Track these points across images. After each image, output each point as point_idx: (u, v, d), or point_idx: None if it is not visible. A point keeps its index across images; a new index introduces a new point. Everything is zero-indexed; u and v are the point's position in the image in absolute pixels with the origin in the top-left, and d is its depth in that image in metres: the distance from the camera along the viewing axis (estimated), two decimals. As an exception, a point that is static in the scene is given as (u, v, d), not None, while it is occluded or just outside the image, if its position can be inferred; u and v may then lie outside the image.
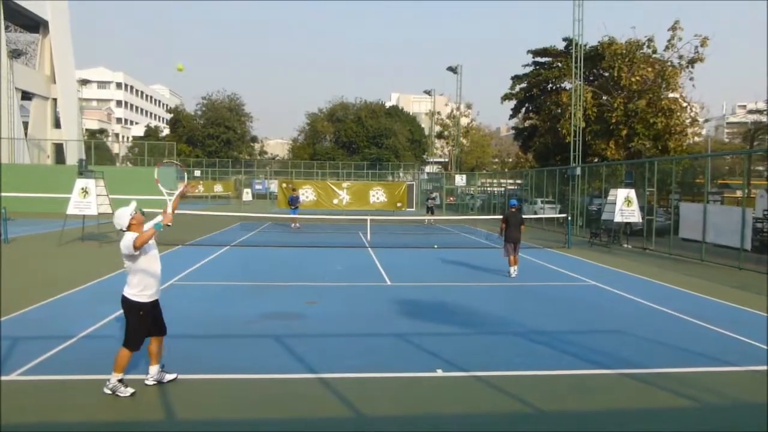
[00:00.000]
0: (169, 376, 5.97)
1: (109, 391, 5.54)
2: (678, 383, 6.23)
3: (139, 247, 5.48)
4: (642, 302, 10.73)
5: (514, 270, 13.39)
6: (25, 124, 51.59)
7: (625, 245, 20.94)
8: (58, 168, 41.58)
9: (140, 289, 5.66)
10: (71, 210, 18.19)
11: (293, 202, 26.77)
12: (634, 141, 32.27)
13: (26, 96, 51.88)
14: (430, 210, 31.93)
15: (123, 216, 5.72)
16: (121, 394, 5.52)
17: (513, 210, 13.91)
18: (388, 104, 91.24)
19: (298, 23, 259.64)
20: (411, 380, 6.25)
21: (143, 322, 5.71)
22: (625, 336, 8.25)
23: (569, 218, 21.33)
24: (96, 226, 19.45)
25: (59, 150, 53.81)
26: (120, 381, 5.59)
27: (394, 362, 6.86)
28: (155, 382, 5.84)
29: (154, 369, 5.88)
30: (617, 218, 19.80)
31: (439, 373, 6.45)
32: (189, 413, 5.28)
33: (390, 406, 5.54)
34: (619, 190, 20.02)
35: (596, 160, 33.47)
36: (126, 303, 5.69)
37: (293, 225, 26.55)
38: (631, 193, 19.80)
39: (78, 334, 7.66)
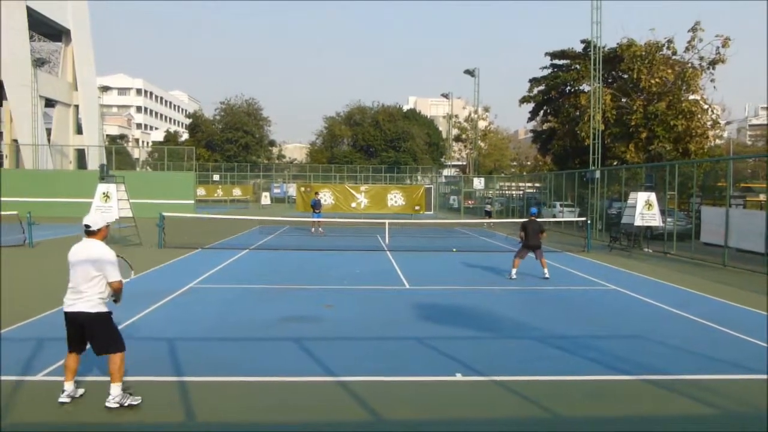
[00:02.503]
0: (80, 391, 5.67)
1: (117, 405, 5.32)
2: (700, 390, 6.15)
3: (116, 288, 5.46)
4: (663, 307, 10.61)
5: (516, 272, 13.49)
6: (48, 131, 52.47)
7: (646, 249, 20.71)
8: (81, 173, 42.22)
9: (104, 297, 5.46)
10: (93, 214, 18.44)
11: (316, 206, 26.74)
12: (654, 144, 31.90)
13: (49, 103, 52.78)
14: (488, 214, 32.29)
15: (100, 219, 5.70)
16: (134, 402, 5.39)
17: (532, 218, 13.98)
18: (405, 108, 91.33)
19: (316, 27, 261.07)
20: (430, 384, 6.25)
21: (114, 324, 5.60)
22: (645, 341, 8.17)
23: (588, 222, 21.15)
24: (117, 229, 19.71)
25: (81, 155, 54.65)
26: (124, 390, 5.45)
27: (413, 366, 6.86)
28: (70, 399, 5.49)
29: (115, 388, 5.43)
30: (637, 222, 19.58)
31: (459, 377, 6.44)
32: (208, 415, 5.33)
33: (409, 410, 5.54)
34: (639, 193, 19.81)
35: (615, 163, 33.15)
36: (105, 316, 5.45)
37: (313, 229, 26.56)
38: (652, 196, 19.58)
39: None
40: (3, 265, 14.73)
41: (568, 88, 40.36)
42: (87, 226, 5.56)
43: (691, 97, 32.90)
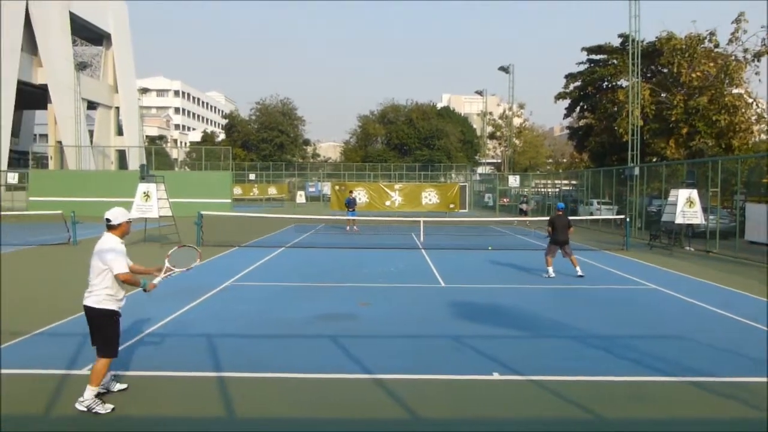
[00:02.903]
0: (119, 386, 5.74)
1: (84, 408, 5.15)
2: (744, 392, 5.97)
3: (122, 281, 5.37)
4: (705, 307, 10.33)
5: (552, 270, 13.31)
6: (91, 133, 54.02)
7: (687, 248, 20.19)
8: (122, 173, 43.31)
9: (112, 293, 5.41)
10: (134, 213, 18.90)
11: (350, 205, 26.87)
12: (695, 139, 31.07)
13: (91, 105, 54.32)
14: (524, 212, 32.08)
15: (121, 214, 5.60)
16: (102, 411, 5.17)
17: (560, 213, 13.85)
18: (439, 105, 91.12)
19: (349, 26, 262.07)
20: (467, 383, 6.22)
21: (118, 328, 5.52)
22: (687, 342, 7.97)
23: (627, 219, 20.73)
24: (157, 228, 20.15)
25: (122, 156, 56.08)
26: (97, 396, 5.31)
27: (449, 364, 6.84)
28: (105, 390, 5.61)
29: (87, 392, 5.36)
30: (678, 220, 19.10)
31: (496, 376, 6.39)
32: (247, 410, 5.41)
33: (446, 409, 5.52)
34: (680, 190, 19.31)
35: (655, 159, 32.41)
36: (106, 313, 5.38)
37: (348, 227, 26.70)
38: (693, 193, 19.06)
39: (142, 332, 7.98)
40: (49, 263, 15.22)
41: (606, 83, 39.63)
42: (108, 220, 5.51)
43: (735, 91, 31.89)
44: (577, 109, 43.62)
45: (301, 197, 55.48)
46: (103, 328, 5.37)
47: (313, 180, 71.13)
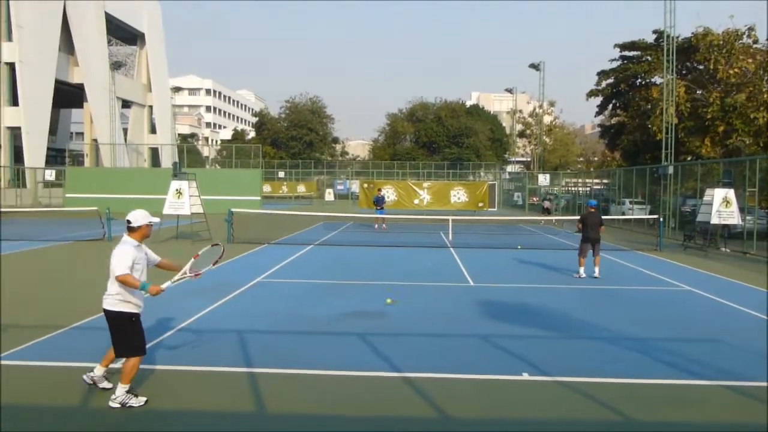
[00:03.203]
0: (108, 384, 5.67)
1: (118, 405, 5.25)
2: (786, 397, 5.81)
3: (120, 281, 5.24)
4: (742, 310, 10.07)
5: (584, 270, 13.03)
6: (125, 131, 55.11)
7: (723, 249, 19.71)
8: (154, 171, 44.13)
9: (124, 296, 5.35)
10: (167, 210, 19.24)
11: (379, 203, 26.85)
12: (732, 138, 30.28)
13: (126, 104, 55.43)
14: (547, 211, 31.88)
15: (142, 217, 5.52)
16: (135, 404, 5.29)
17: (591, 210, 13.52)
18: (468, 103, 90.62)
19: (377, 24, 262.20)
20: (496, 383, 6.18)
21: (139, 328, 5.47)
22: (723, 345, 7.78)
23: (661, 219, 20.33)
24: (189, 225, 20.47)
25: (155, 154, 57.13)
26: (128, 392, 5.35)
27: (478, 364, 6.80)
28: (92, 382, 5.64)
29: (101, 370, 5.64)
30: (714, 220, 18.66)
31: (525, 376, 6.33)
32: (277, 406, 5.46)
33: (475, 409, 5.49)
34: (716, 189, 18.86)
35: (690, 158, 31.71)
36: (123, 315, 5.34)
37: (376, 225, 26.74)
38: (730, 193, 18.60)
39: (174, 327, 8.11)
40: (85, 258, 15.58)
41: (639, 80, 38.91)
42: (128, 221, 5.47)
43: (774, 87, 31.00)
44: (610, 106, 42.94)
45: (329, 195, 55.81)
46: (121, 330, 5.35)
47: (341, 178, 71.45)
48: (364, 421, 5.22)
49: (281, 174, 69.84)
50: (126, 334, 5.34)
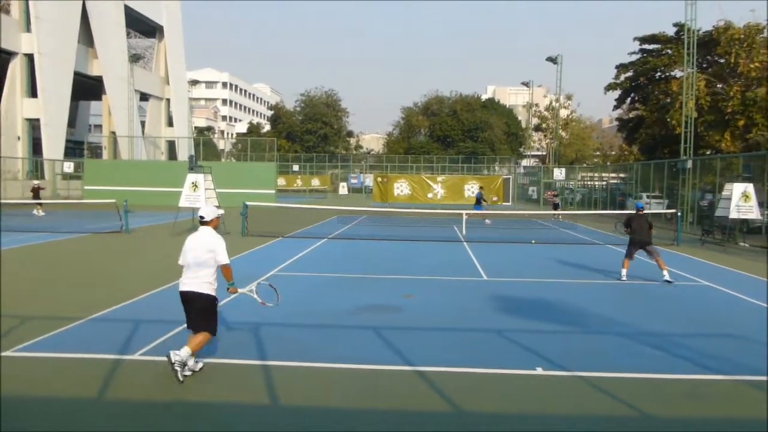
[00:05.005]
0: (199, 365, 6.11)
1: (179, 359, 5.63)
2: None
3: (225, 269, 6.09)
4: (762, 305, 9.92)
5: (626, 273, 12.43)
6: (143, 123, 55.50)
7: (742, 243, 19.44)
8: (171, 164, 44.38)
9: (213, 281, 6.07)
10: (183, 203, 19.36)
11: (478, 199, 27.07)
12: (752, 132, 29.85)
13: (144, 97, 55.76)
14: (556, 206, 31.69)
15: (212, 212, 6.32)
16: (193, 365, 5.89)
17: (639, 213, 12.76)
18: (484, 97, 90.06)
19: (393, 17, 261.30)
20: (510, 377, 6.15)
21: (216, 310, 6.19)
22: (743, 341, 7.67)
23: (679, 214, 20.10)
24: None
25: (172, 147, 57.43)
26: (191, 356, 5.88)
27: (493, 358, 6.77)
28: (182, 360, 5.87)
29: (186, 350, 5.90)
30: (733, 214, 18.39)
31: (540, 371, 6.29)
32: (291, 399, 5.48)
33: (489, 403, 5.47)
34: (735, 184, 18.58)
35: (709, 152, 31.30)
36: (210, 298, 6.03)
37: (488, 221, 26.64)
38: (750, 187, 18.31)
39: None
40: (102, 250, 15.76)
41: (659, 74, 38.46)
42: (201, 217, 6.25)
43: (796, 81, 30.49)
44: (628, 100, 42.51)
45: (343, 189, 55.82)
46: (208, 311, 6.02)
47: (355, 172, 71.44)
48: (378, 414, 5.22)
49: (296, 167, 69.97)
50: (211, 314, 6.05)
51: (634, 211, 13.07)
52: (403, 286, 11.03)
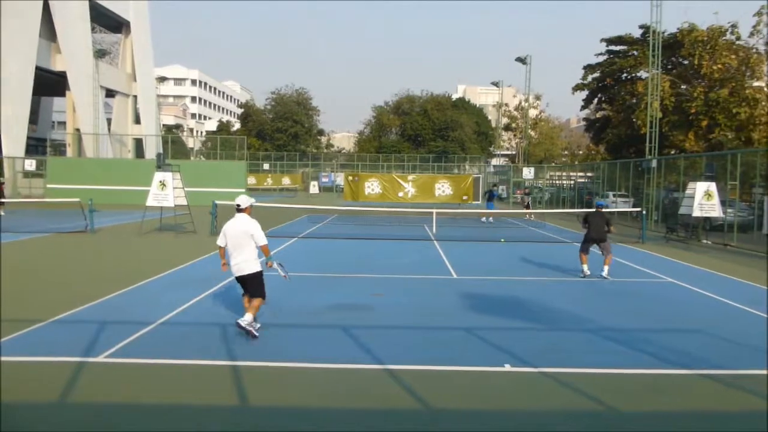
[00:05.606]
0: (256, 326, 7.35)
1: (245, 324, 7.11)
2: (762, 386, 5.90)
3: (264, 248, 7.43)
4: (723, 301, 10.21)
5: (587, 268, 12.62)
6: (109, 120, 54.32)
7: (704, 241, 19.96)
8: (138, 162, 43.58)
9: (256, 258, 7.40)
10: (150, 202, 19.03)
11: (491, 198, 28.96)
12: (715, 132, 30.66)
13: (110, 93, 54.57)
14: (527, 205, 32.29)
15: (247, 200, 7.55)
16: (256, 327, 7.25)
17: (597, 210, 12.85)
18: (454, 96, 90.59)
19: (365, 16, 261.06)
20: (478, 374, 6.20)
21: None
22: (705, 336, 7.88)
23: (644, 212, 20.52)
24: (173, 217, 20.28)
25: (139, 145, 56.37)
26: (255, 320, 7.30)
27: (461, 356, 6.82)
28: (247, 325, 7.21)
29: (249, 316, 7.27)
30: (696, 213, 18.87)
31: (507, 368, 6.36)
32: (260, 399, 5.44)
33: (457, 400, 5.51)
34: (698, 183, 19.06)
35: (673, 152, 32.04)
36: (258, 273, 7.45)
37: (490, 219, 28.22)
38: (712, 186, 18.81)
39: (156, 320, 8.03)
40: (66, 250, 15.40)
41: (625, 75, 39.21)
42: (238, 205, 7.48)
43: (756, 83, 31.43)
44: (595, 100, 43.23)
45: (314, 187, 55.54)
46: (259, 282, 7.45)
47: (326, 170, 71.13)
48: (349, 413, 5.21)
49: (266, 166, 69.40)
50: (261, 284, 7.47)
51: (594, 209, 13.24)
52: (373, 285, 11.04)
